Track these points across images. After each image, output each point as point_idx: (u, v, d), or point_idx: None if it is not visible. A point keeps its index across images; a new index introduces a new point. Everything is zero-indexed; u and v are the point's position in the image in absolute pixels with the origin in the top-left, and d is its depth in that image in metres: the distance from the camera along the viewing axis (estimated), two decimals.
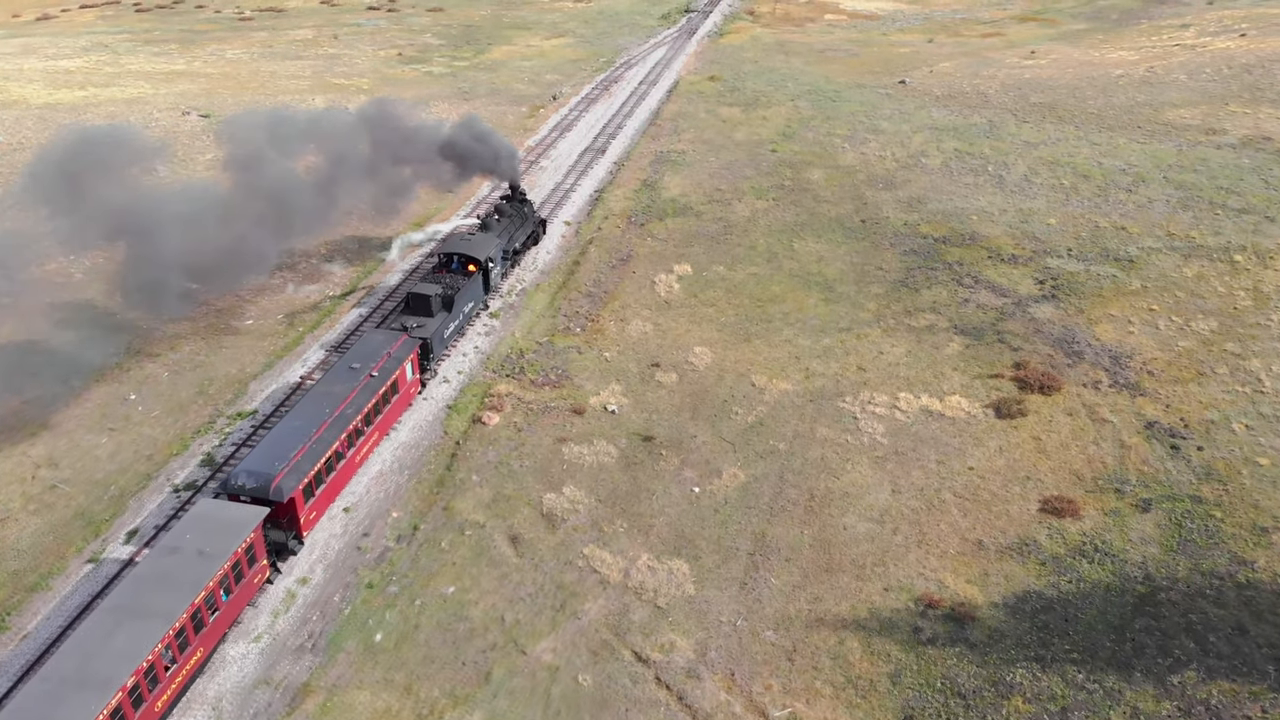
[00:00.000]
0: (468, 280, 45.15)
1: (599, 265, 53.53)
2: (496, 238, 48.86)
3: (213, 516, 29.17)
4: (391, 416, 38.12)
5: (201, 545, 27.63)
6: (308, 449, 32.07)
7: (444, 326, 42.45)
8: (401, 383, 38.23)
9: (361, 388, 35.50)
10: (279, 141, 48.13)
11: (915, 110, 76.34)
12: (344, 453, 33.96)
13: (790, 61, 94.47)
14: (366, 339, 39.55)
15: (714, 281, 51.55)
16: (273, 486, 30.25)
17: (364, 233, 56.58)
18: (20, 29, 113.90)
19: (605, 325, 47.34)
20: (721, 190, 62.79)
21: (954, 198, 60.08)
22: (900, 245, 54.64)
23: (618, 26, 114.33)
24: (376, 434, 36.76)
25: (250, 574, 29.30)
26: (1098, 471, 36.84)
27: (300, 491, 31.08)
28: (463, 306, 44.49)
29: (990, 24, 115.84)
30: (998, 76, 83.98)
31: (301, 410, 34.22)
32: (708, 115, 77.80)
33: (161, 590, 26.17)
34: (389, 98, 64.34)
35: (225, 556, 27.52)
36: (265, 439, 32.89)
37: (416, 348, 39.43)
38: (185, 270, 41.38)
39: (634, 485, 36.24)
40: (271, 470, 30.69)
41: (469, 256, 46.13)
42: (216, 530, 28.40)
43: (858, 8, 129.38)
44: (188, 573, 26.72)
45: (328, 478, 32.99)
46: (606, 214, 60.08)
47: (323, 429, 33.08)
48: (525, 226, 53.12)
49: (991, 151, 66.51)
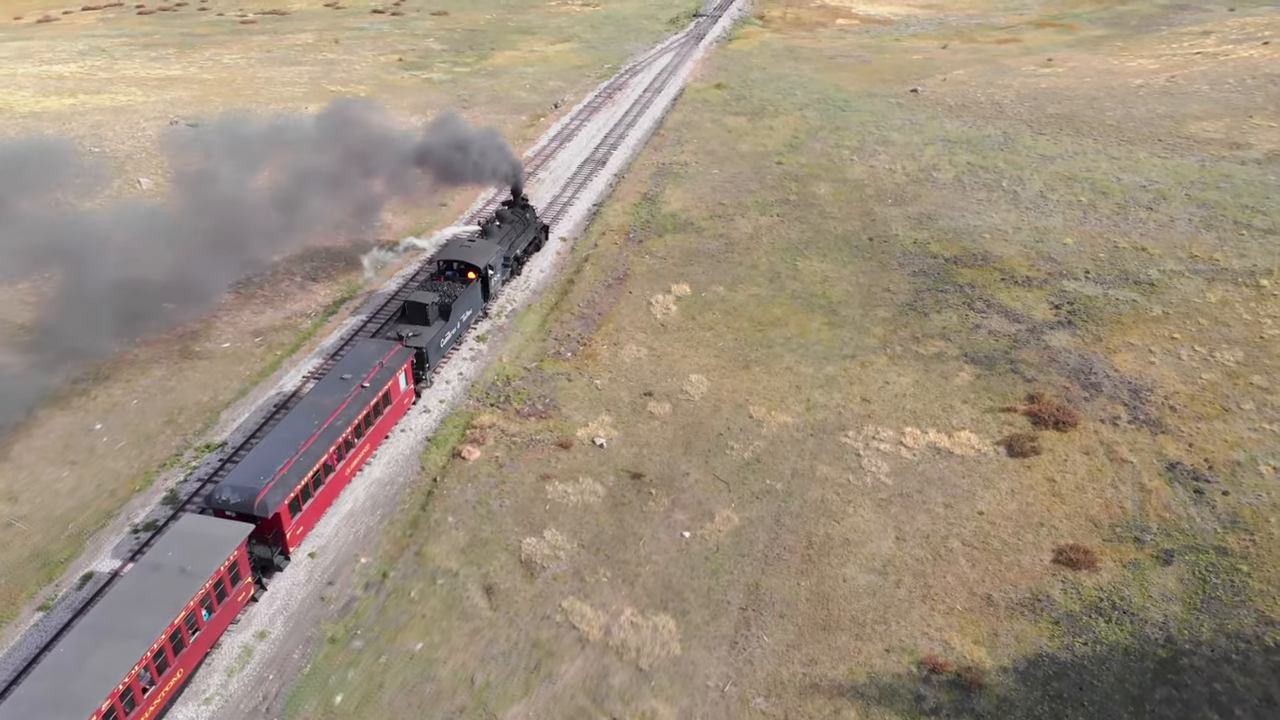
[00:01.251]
0: (466, 288, 44.10)
1: (594, 284, 51.36)
2: (497, 244, 48.00)
3: (196, 533, 28.51)
4: (384, 428, 37.29)
5: (183, 563, 26.93)
6: (295, 462, 31.31)
7: (440, 335, 41.46)
8: (394, 393, 37.45)
9: (352, 399, 34.74)
10: (234, 153, 46.17)
11: (927, 121, 73.91)
12: (333, 465, 33.21)
13: (800, 68, 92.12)
14: (359, 349, 38.71)
15: (713, 303, 49.32)
16: (257, 501, 29.51)
17: (350, 245, 54.53)
18: (20, 31, 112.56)
19: (597, 350, 45.17)
20: (724, 205, 60.54)
21: (966, 214, 57.67)
22: (909, 265, 52.28)
23: (624, 31, 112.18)
24: (368, 446, 35.99)
25: (234, 592, 28.52)
26: (1116, 518, 34.48)
27: (286, 506, 30.38)
28: (460, 315, 43.50)
29: (1006, 30, 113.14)
30: (1013, 85, 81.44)
31: (290, 422, 33.52)
32: (713, 125, 75.55)
33: (141, 609, 25.53)
34: (351, 99, 61.93)
35: (207, 575, 26.83)
36: (252, 452, 32.27)
37: (411, 357, 38.64)
38: (127, 296, 39.41)
39: (620, 529, 34.05)
40: (256, 485, 29.95)
41: (468, 264, 45.03)
42: (199, 547, 27.73)
43: (870, 12, 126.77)
44: (168, 591, 26.08)
45: (316, 491, 32.28)
46: (604, 229, 57.92)
47: (311, 441, 32.30)
48: (527, 233, 52.19)
49: (1006, 165, 64.04)
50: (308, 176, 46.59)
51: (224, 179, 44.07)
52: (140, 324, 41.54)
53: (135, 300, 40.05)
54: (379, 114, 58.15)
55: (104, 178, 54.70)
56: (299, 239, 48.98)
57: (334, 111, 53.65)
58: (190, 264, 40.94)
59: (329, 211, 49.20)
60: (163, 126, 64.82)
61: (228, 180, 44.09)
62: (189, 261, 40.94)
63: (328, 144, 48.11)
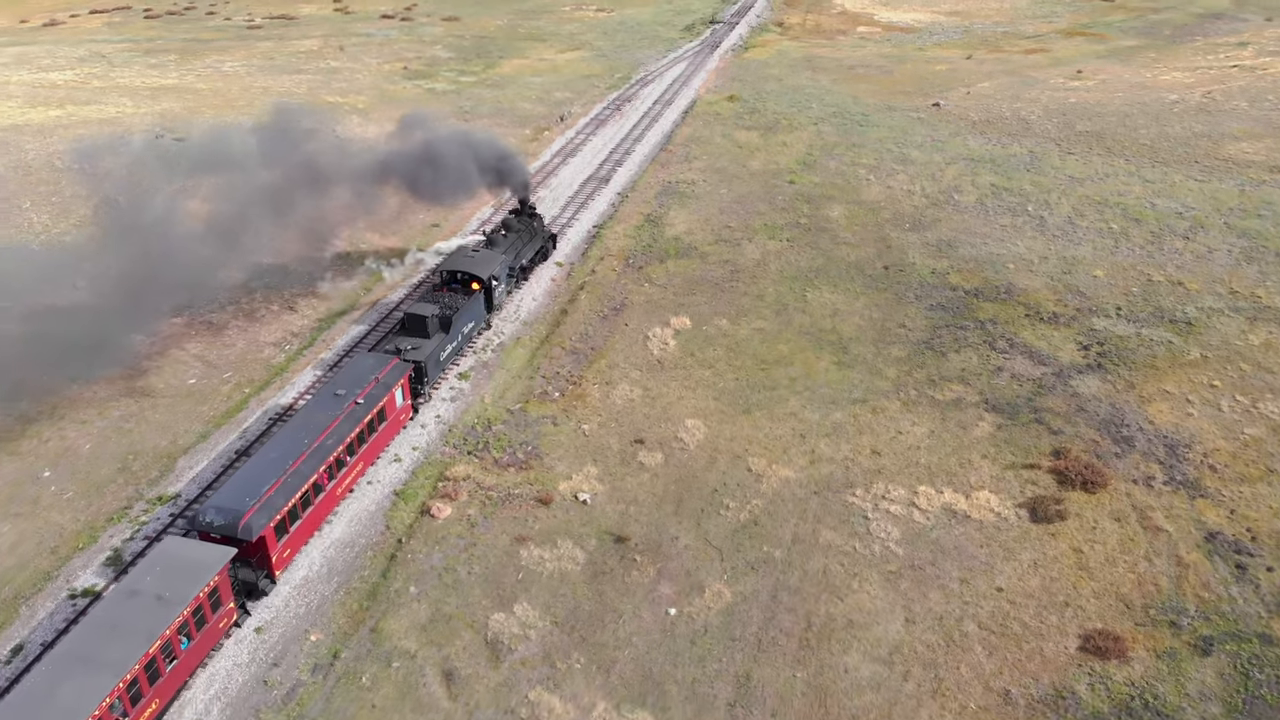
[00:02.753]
0: (468, 299, 43.06)
1: (588, 316, 48.24)
2: (502, 254, 46.73)
3: (176, 556, 27.56)
4: (378, 445, 36.23)
5: (161, 589, 26.04)
6: (282, 483, 30.31)
7: (440, 349, 40.44)
8: (390, 409, 36.29)
9: (345, 416, 33.76)
10: (159, 172, 43.35)
11: (949, 138, 70.32)
12: (324, 485, 32.25)
13: (817, 79, 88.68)
14: (355, 363, 37.85)
15: (714, 338, 46.08)
16: (241, 524, 28.54)
17: (330, 269, 51.70)
18: (24, 36, 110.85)
19: (588, 390, 42.05)
20: (730, 228, 57.27)
21: (989, 242, 54.12)
22: (926, 298, 48.82)
23: (637, 39, 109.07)
24: (361, 464, 34.92)
25: (214, 619, 27.49)
26: (1149, 597, 31.02)
27: (272, 529, 29.38)
28: (462, 327, 42.53)
29: (1035, 39, 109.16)
30: (1041, 100, 77.67)
31: (279, 441, 32.47)
32: (723, 140, 72.27)
33: (115, 638, 24.64)
34: (292, 103, 58.58)
35: (185, 602, 25.88)
36: (239, 472, 31.27)
37: (408, 372, 37.63)
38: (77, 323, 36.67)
39: (599, 603, 30.89)
40: (241, 506, 29.03)
41: (471, 274, 43.89)
42: (179, 572, 26.80)
43: (893, 19, 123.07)
44: (144, 619, 25.20)
45: (304, 513, 31.22)
46: (603, 254, 54.79)
47: (300, 461, 31.32)
48: (534, 242, 50.95)
49: (1032, 188, 60.39)
50: (247, 197, 43.76)
51: (159, 201, 41.17)
52: (92, 356, 38.59)
53: (84, 329, 37.28)
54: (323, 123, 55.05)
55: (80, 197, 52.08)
56: (248, 262, 46.04)
57: (276, 122, 50.83)
58: (118, 292, 38.07)
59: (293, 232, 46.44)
60: (147, 139, 62.28)
61: (162, 203, 41.24)
62: (116, 290, 38.10)
63: (278, 160, 45.22)
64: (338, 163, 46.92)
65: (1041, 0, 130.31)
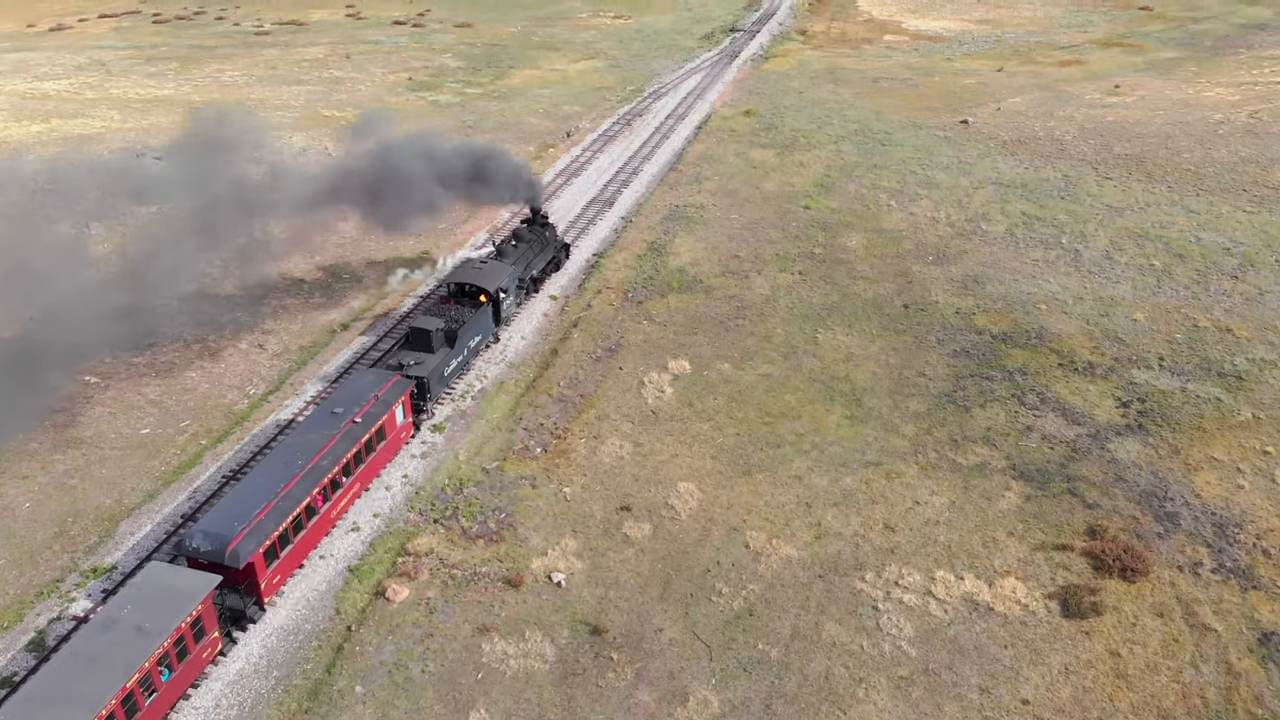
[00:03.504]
0: (475, 312, 42.02)
1: (580, 357, 44.62)
2: (511, 265, 45.78)
3: (159, 585, 26.42)
4: (376, 466, 35.05)
5: (142, 619, 24.96)
6: (273, 506, 29.31)
7: (444, 364, 39.40)
8: (389, 428, 35.19)
9: (341, 436, 32.76)
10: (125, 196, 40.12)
11: (978, 159, 66.12)
12: (317, 508, 31.27)
13: (839, 93, 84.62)
14: (355, 379, 36.66)
15: (715, 385, 42.32)
16: (228, 551, 27.61)
17: (303, 306, 48.40)
18: (28, 41, 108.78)
19: (573, 445, 38.42)
20: (739, 259, 53.46)
21: (1019, 278, 49.98)
22: (950, 342, 44.81)
23: (654, 48, 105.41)
24: (358, 485, 33.91)
25: (197, 650, 26.28)
26: (1195, 711, 27.06)
27: (261, 555, 28.43)
28: (468, 341, 41.46)
29: (1069, 49, 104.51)
30: (1076, 118, 73.24)
31: (272, 462, 31.48)
32: (737, 159, 68.45)
33: (91, 672, 23.47)
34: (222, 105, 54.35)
35: (166, 633, 24.77)
36: (229, 494, 30.43)
37: (410, 388, 36.52)
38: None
39: (567, 711, 27.21)
40: (229, 532, 28.05)
41: (478, 286, 43.13)
42: (161, 601, 25.69)
43: (921, 28, 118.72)
44: (122, 652, 24.08)
45: (296, 537, 30.21)
46: (601, 286, 51.16)
47: (292, 483, 30.28)
48: (545, 252, 49.84)
49: (1067, 217, 56.13)
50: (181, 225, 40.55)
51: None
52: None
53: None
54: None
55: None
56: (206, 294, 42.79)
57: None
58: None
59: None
60: (126, 158, 59.29)
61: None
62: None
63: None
64: (270, 190, 43.56)
65: (1076, 8, 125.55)
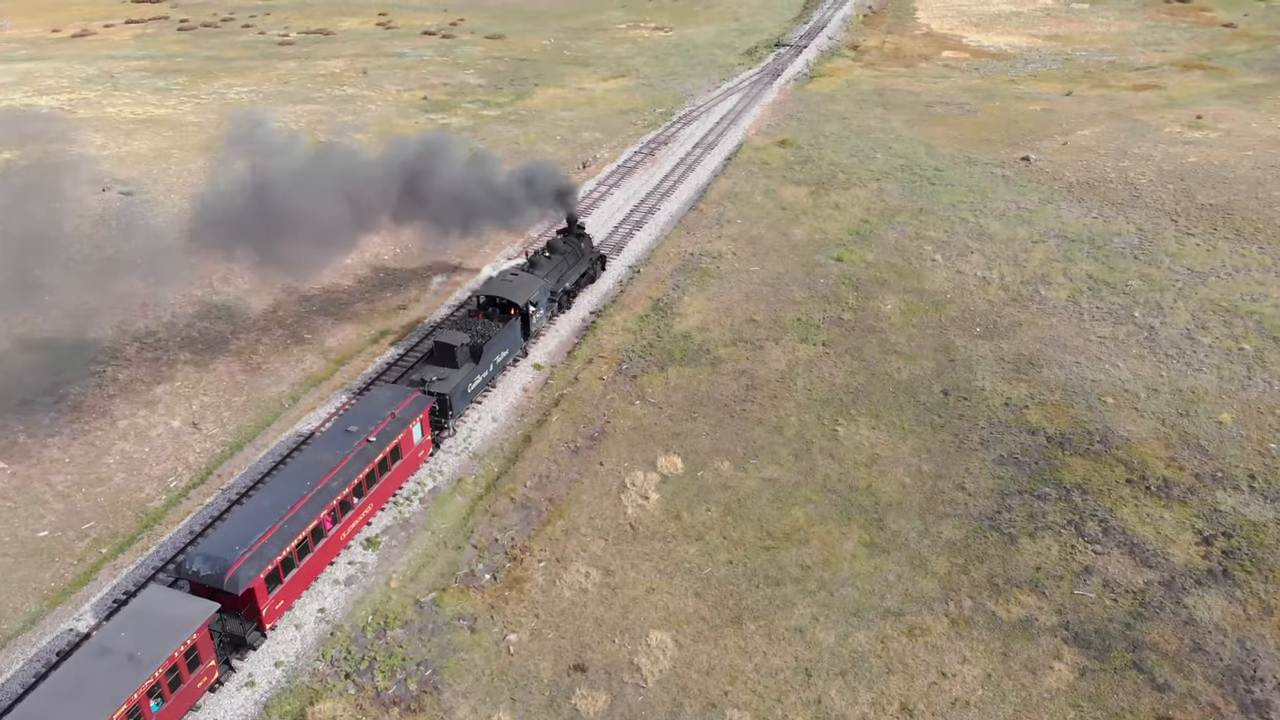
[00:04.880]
0: (503, 327, 40.71)
1: (556, 448, 38.18)
2: (542, 279, 44.15)
3: (155, 611, 25.81)
4: (392, 485, 34.12)
5: (135, 646, 24.38)
6: (277, 529, 28.52)
7: (468, 380, 38.24)
8: (406, 447, 34.28)
9: (354, 455, 31.93)
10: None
11: (1039, 205, 58.34)
12: (326, 530, 30.37)
13: (887, 120, 77.08)
14: (373, 396, 35.66)
15: (711, 490, 35.60)
16: (228, 576, 26.86)
17: (247, 373, 42.64)
18: (47, 47, 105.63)
19: (530, 570, 31.99)
20: (755, 323, 46.58)
21: (1082, 360, 42.41)
22: (996, 444, 37.53)
23: (691, 64, 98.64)
24: (371, 505, 32.93)
25: (192, 679, 25.59)
26: None
27: (263, 580, 27.64)
28: (493, 356, 40.07)
29: (1146, 71, 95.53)
30: (1154, 157, 64.93)
31: (280, 482, 30.79)
32: (765, 198, 61.49)
33: (78, 702, 22.92)
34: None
35: (157, 663, 24.18)
36: (233, 516, 29.66)
37: (429, 406, 35.46)
38: None
39: None
40: (230, 556, 27.28)
41: (508, 300, 41.75)
42: (155, 628, 25.11)
43: (984, 43, 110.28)
44: (111, 681, 23.48)
45: (301, 561, 29.33)
46: (593, 354, 44.67)
47: (299, 505, 29.49)
48: (579, 265, 48.22)
49: (1140, 283, 48.26)
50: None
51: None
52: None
53: None
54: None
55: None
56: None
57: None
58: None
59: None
60: (90, 193, 54.13)
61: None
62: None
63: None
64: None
65: (1154, 24, 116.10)
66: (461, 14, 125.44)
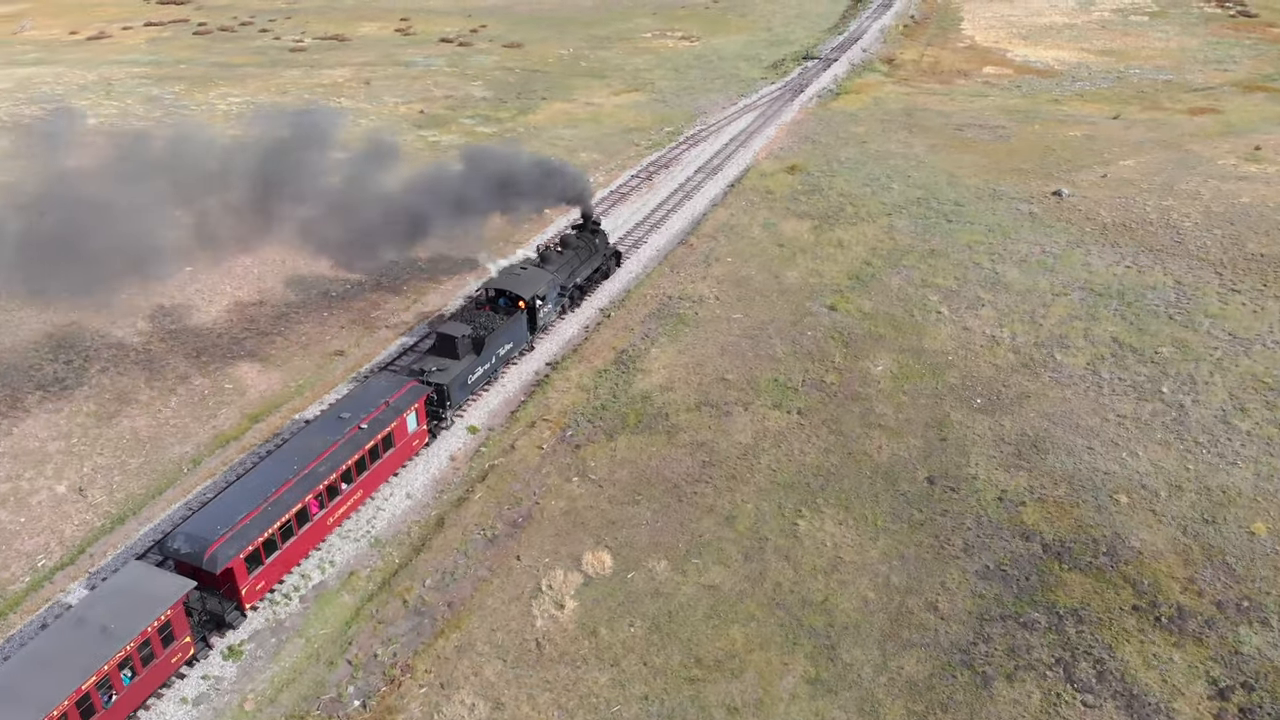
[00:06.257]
0: (508, 320, 40.85)
1: (470, 535, 33.36)
2: (552, 273, 44.24)
3: (134, 586, 26.46)
4: (383, 473, 34.55)
5: (109, 619, 24.88)
6: (260, 511, 29.05)
7: (469, 371, 38.56)
8: (399, 435, 34.59)
9: (344, 442, 32.31)
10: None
11: (1066, 250, 52.12)
12: (311, 514, 30.82)
13: (911, 144, 71.03)
14: (370, 385, 36.12)
15: (639, 599, 30.52)
16: (207, 555, 27.32)
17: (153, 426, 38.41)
18: (58, 50, 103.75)
19: (407, 699, 27.23)
20: (726, 382, 41.32)
21: (1096, 445, 36.44)
22: (982, 551, 31.88)
23: (711, 78, 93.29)
24: (361, 492, 33.39)
25: (165, 654, 26.06)
26: None
27: (243, 560, 28.12)
28: (496, 349, 40.28)
29: (1204, 92, 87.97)
30: (1202, 194, 58.18)
31: (267, 466, 31.31)
32: (763, 232, 56.07)
33: (49, 671, 23.35)
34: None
35: (130, 636, 24.61)
36: (218, 498, 30.10)
37: (424, 396, 35.74)
38: None
39: None
40: (210, 536, 27.84)
41: (514, 294, 41.83)
42: (131, 603, 25.60)
43: (1030, 58, 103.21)
44: (83, 652, 23.98)
45: (285, 543, 29.78)
46: (538, 416, 39.79)
47: (284, 489, 29.98)
48: (592, 260, 48.09)
49: (1173, 350, 41.99)
50: None
51: None
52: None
53: None
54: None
55: None
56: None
57: None
58: None
59: None
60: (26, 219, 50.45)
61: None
62: None
63: None
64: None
65: (1217, 39, 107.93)
66: (485, 20, 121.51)
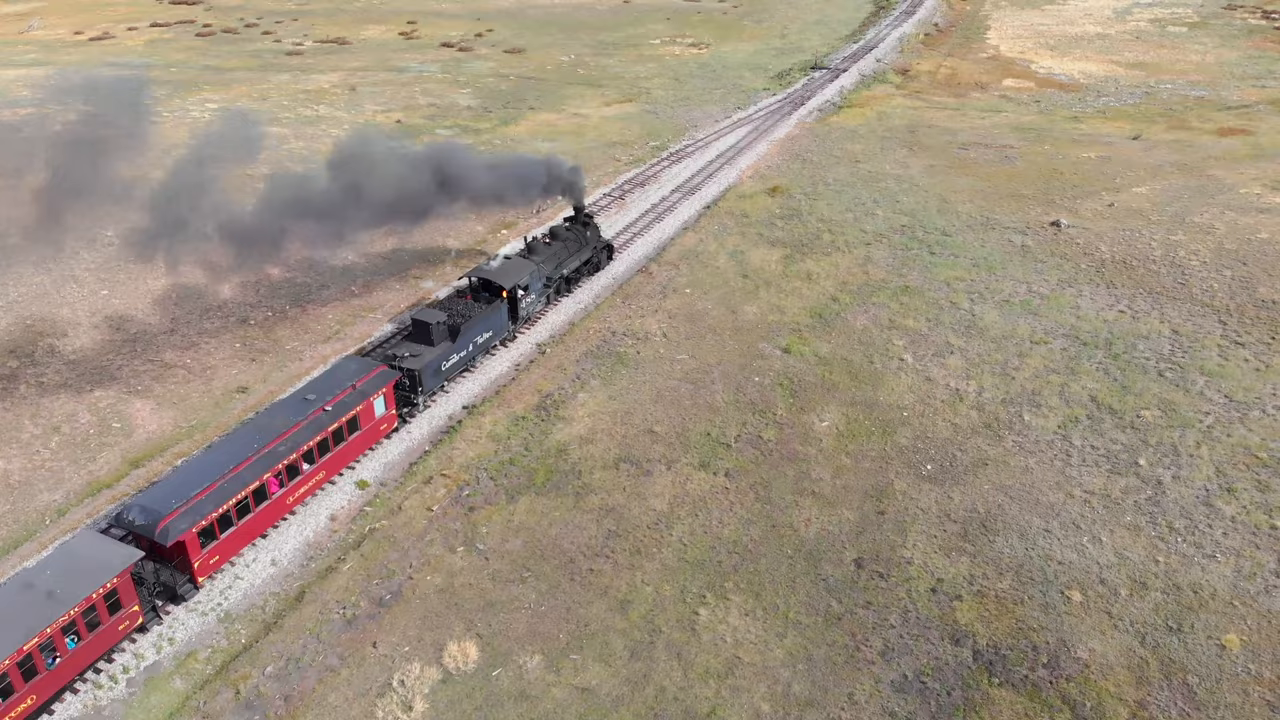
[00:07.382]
0: (486, 309, 41.06)
1: (329, 614, 29.75)
2: (536, 263, 44.39)
3: (84, 553, 26.84)
4: (347, 455, 34.61)
5: (56, 585, 25.28)
6: (216, 487, 29.27)
7: (443, 358, 38.80)
8: (365, 419, 34.79)
9: (307, 423, 32.53)
10: None
11: (1055, 290, 47.34)
12: (270, 492, 31.07)
13: (907, 165, 66.36)
14: (338, 367, 36.56)
15: (498, 703, 26.75)
16: (159, 527, 27.62)
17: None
18: (58, 51, 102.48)
19: None
20: (654, 435, 37.34)
21: (1054, 527, 31.90)
22: (901, 657, 27.58)
23: (710, 88, 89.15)
24: (323, 473, 33.63)
25: (111, 621, 26.27)
26: None
27: (195, 534, 28.37)
28: (473, 337, 40.42)
29: (1237, 110, 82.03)
30: (1216, 229, 52.95)
31: (226, 443, 31.85)
32: (729, 261, 51.92)
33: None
34: None
35: (74, 601, 25.06)
36: (175, 471, 31.03)
37: (393, 381, 36.03)
38: None
39: None
40: (164, 509, 28.06)
41: (496, 283, 42.07)
42: (80, 570, 25.99)
43: (1054, 71, 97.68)
44: (28, 614, 24.41)
45: (240, 520, 30.03)
46: (437, 470, 36.14)
47: (243, 466, 30.18)
48: (582, 252, 48.30)
49: (1158, 414, 37.16)
50: None
51: None
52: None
53: None
54: None
55: None
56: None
57: None
58: None
59: None
60: None
61: None
62: None
63: None
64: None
65: (1259, 52, 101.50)
66: (493, 23, 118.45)
